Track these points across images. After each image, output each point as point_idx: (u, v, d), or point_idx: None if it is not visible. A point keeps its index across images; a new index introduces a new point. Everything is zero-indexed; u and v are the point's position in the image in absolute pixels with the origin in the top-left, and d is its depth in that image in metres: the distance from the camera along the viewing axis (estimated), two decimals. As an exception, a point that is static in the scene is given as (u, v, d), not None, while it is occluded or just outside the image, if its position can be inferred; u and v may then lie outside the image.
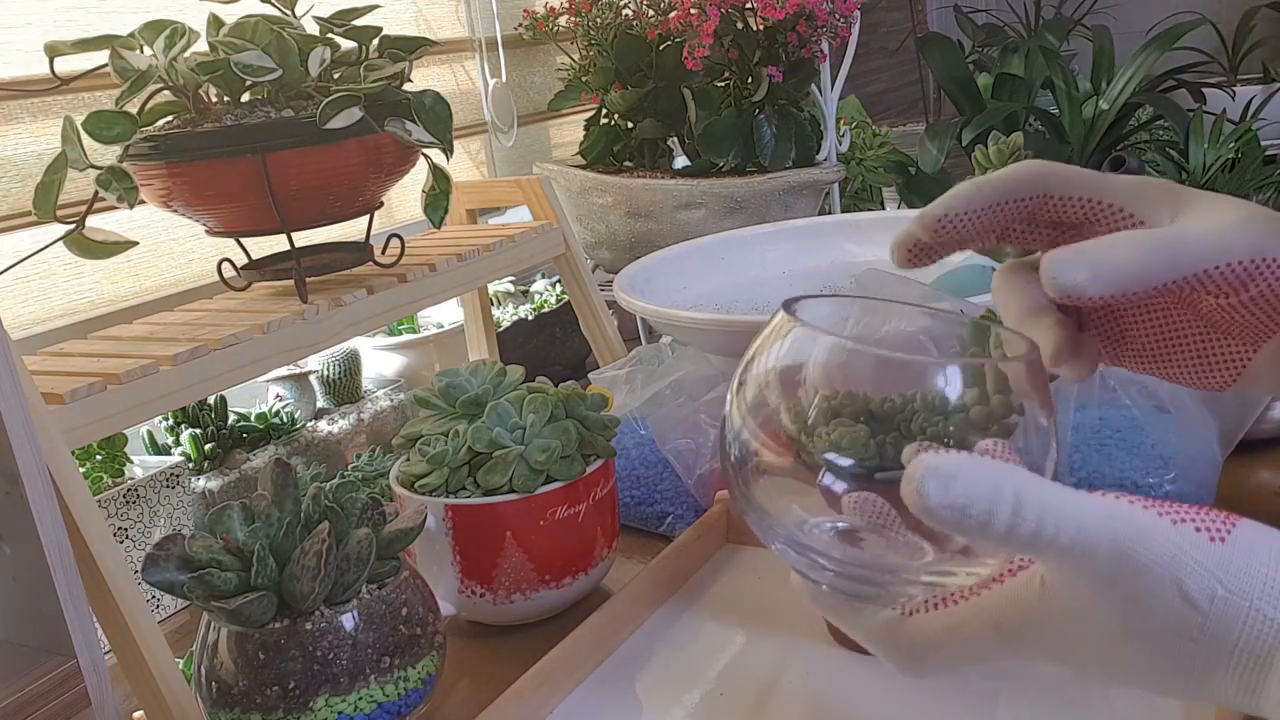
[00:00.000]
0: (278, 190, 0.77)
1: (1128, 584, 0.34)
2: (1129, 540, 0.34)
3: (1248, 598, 0.33)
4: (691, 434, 0.85)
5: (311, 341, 0.80)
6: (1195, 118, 1.43)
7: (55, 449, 0.61)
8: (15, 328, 0.90)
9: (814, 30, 1.24)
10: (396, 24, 1.29)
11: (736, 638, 0.69)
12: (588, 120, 1.36)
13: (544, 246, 1.05)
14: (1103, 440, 0.76)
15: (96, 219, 0.77)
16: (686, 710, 0.62)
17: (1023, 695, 0.59)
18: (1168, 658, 0.34)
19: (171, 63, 0.77)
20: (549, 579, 0.73)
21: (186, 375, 0.71)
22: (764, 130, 1.25)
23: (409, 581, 0.63)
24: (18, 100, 0.91)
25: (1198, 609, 0.33)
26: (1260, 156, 1.42)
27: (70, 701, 0.55)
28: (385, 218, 1.23)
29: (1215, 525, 0.34)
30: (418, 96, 0.81)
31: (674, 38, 1.25)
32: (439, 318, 1.25)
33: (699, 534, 0.77)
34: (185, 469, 0.88)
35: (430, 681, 0.63)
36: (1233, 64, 2.57)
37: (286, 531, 0.60)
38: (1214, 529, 0.34)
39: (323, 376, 1.09)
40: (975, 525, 0.34)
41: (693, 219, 1.22)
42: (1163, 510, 0.35)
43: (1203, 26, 1.74)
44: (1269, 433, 0.84)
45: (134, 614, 0.62)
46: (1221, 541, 0.34)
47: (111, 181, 0.74)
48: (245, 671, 0.58)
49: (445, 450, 0.72)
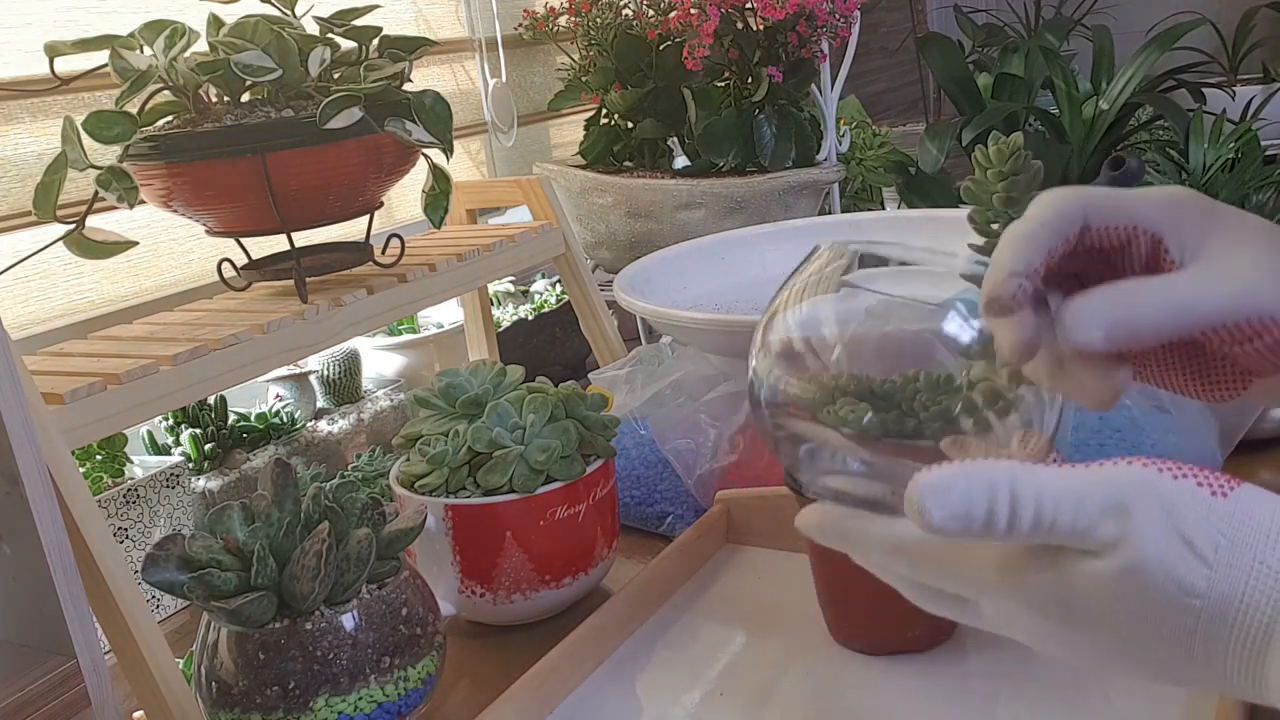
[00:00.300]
0: (278, 190, 0.77)
1: (1133, 538, 0.34)
2: (1132, 495, 0.34)
3: (1251, 549, 0.33)
4: (691, 434, 0.85)
5: (311, 341, 0.80)
6: (1195, 118, 1.43)
7: (55, 449, 0.61)
8: (15, 328, 0.90)
9: (814, 30, 1.24)
10: (396, 24, 1.29)
11: (736, 638, 0.69)
12: (588, 120, 1.36)
13: (544, 246, 1.05)
14: (1103, 440, 0.76)
15: (96, 219, 0.77)
16: (686, 710, 0.62)
17: (1023, 695, 0.59)
18: (1173, 624, 0.34)
19: (171, 63, 0.77)
20: (549, 579, 0.73)
21: (186, 375, 0.71)
22: (764, 130, 1.25)
23: (409, 581, 0.63)
24: (18, 100, 0.91)
25: (1203, 559, 0.33)
26: (1260, 156, 1.41)
27: (70, 701, 0.55)
28: (385, 218, 1.23)
29: (1218, 482, 0.35)
30: (418, 96, 0.81)
31: (674, 38, 1.25)
32: (439, 318, 1.25)
33: (699, 534, 0.77)
34: (185, 469, 0.88)
35: (430, 681, 0.63)
36: (1233, 64, 2.57)
37: (286, 531, 0.60)
38: (1215, 485, 0.35)
39: (323, 376, 1.09)
40: (981, 528, 0.35)
41: (693, 219, 1.22)
42: (1163, 466, 0.35)
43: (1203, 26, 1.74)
44: (1269, 433, 0.84)
45: (134, 614, 0.62)
46: (1224, 496, 0.34)
47: (111, 181, 0.74)
48: (245, 671, 0.58)
49: (445, 450, 0.72)
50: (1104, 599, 0.35)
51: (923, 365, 0.43)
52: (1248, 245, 0.41)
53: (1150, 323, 0.40)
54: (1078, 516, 0.35)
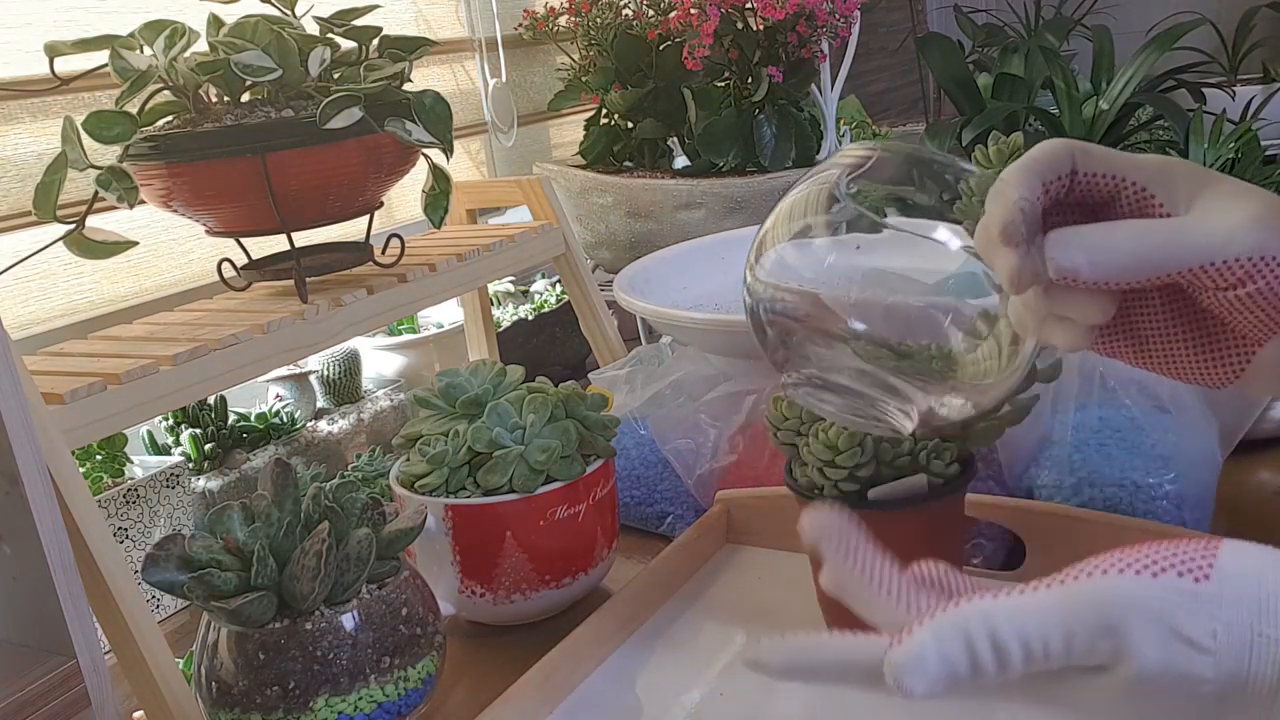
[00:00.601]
0: (278, 190, 0.77)
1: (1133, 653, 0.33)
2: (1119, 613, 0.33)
3: (1246, 626, 0.33)
4: (691, 434, 0.85)
5: (311, 341, 0.80)
6: (1195, 118, 1.43)
7: (55, 449, 0.61)
8: (15, 328, 0.90)
9: (814, 30, 1.24)
10: (396, 24, 1.29)
11: (736, 638, 0.69)
12: (588, 120, 1.36)
13: (544, 246, 1.05)
14: (1103, 440, 0.76)
15: (96, 219, 0.77)
16: (686, 710, 0.62)
17: (1023, 695, 0.59)
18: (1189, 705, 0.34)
19: (171, 63, 0.77)
20: (549, 579, 0.73)
21: (186, 375, 0.71)
22: (764, 130, 1.25)
23: (409, 581, 0.63)
24: (18, 100, 0.91)
25: (1204, 650, 0.33)
26: (1260, 156, 1.41)
27: (70, 701, 0.55)
28: (385, 218, 1.23)
29: (1195, 563, 0.34)
30: (418, 96, 0.81)
31: (674, 38, 1.25)
32: (439, 318, 1.25)
33: (699, 534, 0.77)
34: (185, 469, 0.88)
35: (430, 681, 0.63)
36: (1233, 64, 2.56)
37: (286, 531, 0.60)
38: (1196, 567, 0.34)
39: (323, 376, 1.08)
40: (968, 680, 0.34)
41: (693, 219, 1.22)
42: (1139, 566, 0.34)
43: (1203, 26, 1.74)
44: (1269, 433, 0.84)
45: (134, 614, 0.63)
46: (1206, 579, 0.33)
47: (111, 181, 0.74)
48: (245, 671, 0.58)
49: (445, 450, 0.72)
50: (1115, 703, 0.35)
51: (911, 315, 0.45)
52: (1240, 200, 0.41)
53: (1134, 255, 0.40)
54: (1070, 646, 0.34)
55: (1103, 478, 0.74)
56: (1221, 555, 0.34)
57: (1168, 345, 0.45)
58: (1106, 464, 0.75)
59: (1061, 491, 0.75)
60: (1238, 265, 0.40)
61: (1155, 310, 0.46)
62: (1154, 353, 0.46)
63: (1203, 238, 0.40)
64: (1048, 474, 0.76)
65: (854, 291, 0.44)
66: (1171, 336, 0.45)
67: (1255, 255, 0.39)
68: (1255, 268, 0.40)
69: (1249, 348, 0.43)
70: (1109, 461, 0.75)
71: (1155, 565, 0.34)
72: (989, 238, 0.42)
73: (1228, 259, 0.40)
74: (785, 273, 0.46)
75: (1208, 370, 0.45)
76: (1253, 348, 0.43)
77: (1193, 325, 0.45)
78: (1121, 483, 0.74)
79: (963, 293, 0.45)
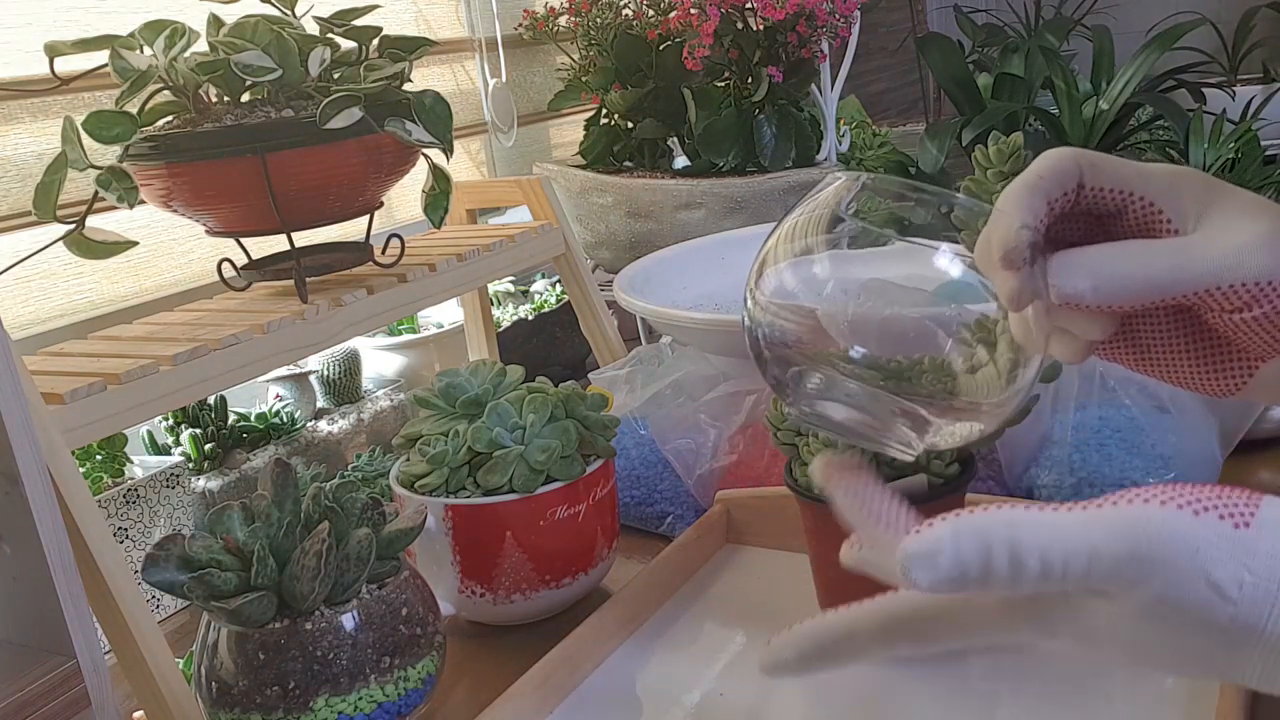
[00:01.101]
0: (278, 190, 0.77)
1: (1155, 584, 0.33)
2: (1150, 543, 0.33)
3: (1275, 580, 0.32)
4: (691, 434, 0.85)
5: (311, 341, 0.80)
6: (1195, 118, 1.43)
7: (55, 449, 0.61)
8: (15, 328, 0.90)
9: (814, 30, 1.24)
10: (396, 24, 1.29)
11: (736, 638, 0.69)
12: (588, 120, 1.36)
13: (544, 246, 1.05)
14: (1103, 440, 0.76)
15: (96, 219, 0.77)
16: (686, 710, 0.62)
17: (1023, 695, 0.59)
18: (1194, 644, 0.34)
19: (171, 63, 0.77)
20: (549, 579, 0.73)
21: (186, 375, 0.71)
22: (764, 130, 1.25)
23: (409, 581, 0.63)
24: (18, 100, 0.91)
25: (1227, 598, 0.33)
26: (1260, 156, 1.41)
27: (70, 701, 0.55)
28: (385, 218, 1.23)
29: (1239, 509, 0.33)
30: (418, 96, 0.81)
31: (674, 38, 1.25)
32: (439, 318, 1.25)
33: (699, 534, 0.77)
34: (185, 469, 0.88)
35: (430, 681, 0.63)
36: (1233, 64, 2.57)
37: (286, 531, 0.60)
38: (1238, 514, 0.33)
39: (323, 376, 1.08)
40: (977, 584, 0.33)
41: (693, 219, 1.22)
42: (1183, 501, 0.33)
43: (1203, 26, 1.74)
44: (1269, 433, 0.84)
45: (134, 614, 0.63)
46: (1246, 527, 0.33)
47: (111, 181, 0.74)
48: (245, 671, 0.58)
49: (445, 450, 0.72)
50: (1120, 632, 0.35)
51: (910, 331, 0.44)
52: (1248, 219, 0.40)
53: (1139, 279, 0.40)
54: (1091, 568, 0.33)
55: (1103, 478, 0.74)
56: (1265, 506, 0.34)
57: (1170, 356, 0.45)
58: (1106, 464, 0.75)
59: (1061, 491, 0.75)
60: (1244, 290, 0.39)
61: (1158, 322, 0.45)
62: (1156, 362, 0.46)
63: (1209, 261, 0.39)
64: (1048, 474, 0.76)
65: (853, 307, 0.44)
66: (1174, 348, 0.45)
67: (1263, 279, 0.39)
68: (1262, 291, 0.39)
69: (1253, 362, 0.43)
70: (1109, 461, 0.75)
71: (1198, 503, 0.33)
72: (989, 259, 0.41)
73: (1234, 283, 0.39)
74: (786, 294, 0.46)
75: (1210, 380, 0.44)
76: (1256, 362, 0.43)
77: (1196, 338, 0.44)
78: (1121, 483, 0.74)
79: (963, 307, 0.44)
